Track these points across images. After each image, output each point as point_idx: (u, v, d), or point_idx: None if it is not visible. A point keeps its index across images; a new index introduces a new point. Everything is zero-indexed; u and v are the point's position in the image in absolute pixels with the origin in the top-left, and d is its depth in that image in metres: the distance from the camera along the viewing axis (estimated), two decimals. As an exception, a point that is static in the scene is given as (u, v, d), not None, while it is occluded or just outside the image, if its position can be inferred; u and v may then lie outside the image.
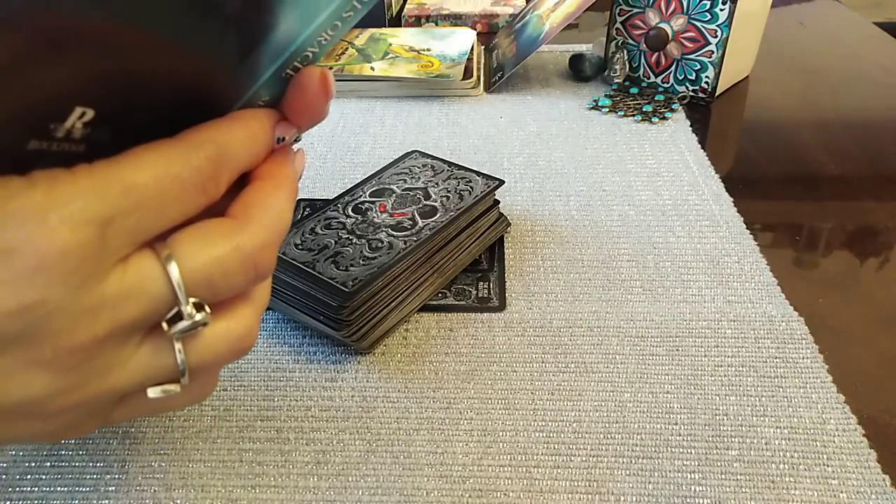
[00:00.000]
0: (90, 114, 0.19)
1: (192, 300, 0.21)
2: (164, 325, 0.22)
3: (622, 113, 0.67)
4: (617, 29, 0.71)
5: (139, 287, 0.20)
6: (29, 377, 0.20)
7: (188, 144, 0.21)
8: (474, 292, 0.45)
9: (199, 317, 0.21)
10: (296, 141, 0.26)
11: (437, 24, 0.88)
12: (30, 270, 0.18)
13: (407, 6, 0.91)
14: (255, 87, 0.23)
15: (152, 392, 0.23)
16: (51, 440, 0.24)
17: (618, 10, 0.70)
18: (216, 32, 0.20)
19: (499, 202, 0.48)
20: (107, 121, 0.20)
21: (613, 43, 0.72)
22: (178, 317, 0.21)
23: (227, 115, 0.23)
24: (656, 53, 0.69)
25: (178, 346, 0.22)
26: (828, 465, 0.34)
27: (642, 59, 0.71)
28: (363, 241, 0.42)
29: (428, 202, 0.45)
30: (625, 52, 0.71)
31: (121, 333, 0.21)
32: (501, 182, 0.47)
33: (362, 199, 0.46)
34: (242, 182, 0.24)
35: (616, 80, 0.72)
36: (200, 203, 0.22)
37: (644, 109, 0.67)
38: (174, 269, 0.21)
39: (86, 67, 0.18)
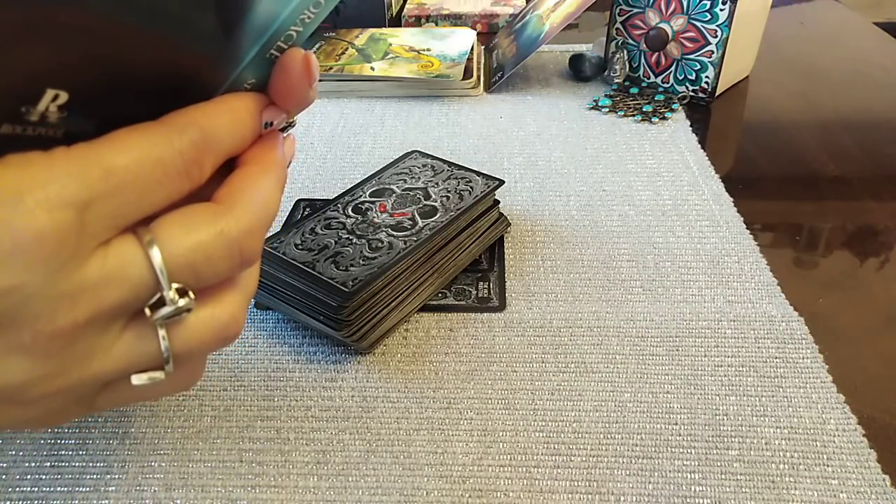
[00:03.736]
0: (64, 96, 0.19)
1: (175, 286, 0.21)
2: (147, 311, 0.21)
3: (622, 113, 0.67)
4: (617, 29, 0.71)
5: (120, 272, 0.20)
6: (8, 363, 0.20)
7: (171, 127, 0.21)
8: (474, 292, 0.45)
9: (182, 303, 0.21)
10: (290, 127, 0.26)
11: (437, 24, 0.88)
12: (6, 254, 0.18)
13: (407, 6, 0.91)
14: (239, 70, 0.23)
15: (137, 379, 0.23)
16: (34, 427, 0.24)
17: (618, 10, 0.70)
18: (193, 12, 0.20)
19: (499, 202, 0.48)
20: (84, 105, 0.20)
21: (613, 43, 0.72)
22: (161, 302, 0.21)
23: (211, 100, 0.22)
24: (656, 53, 0.69)
25: (161, 332, 0.22)
26: (828, 465, 0.34)
27: (642, 59, 0.71)
28: (363, 241, 0.42)
29: (428, 202, 0.45)
30: (625, 52, 0.71)
31: (102, 319, 0.20)
32: (501, 182, 0.47)
33: (362, 199, 0.46)
34: (230, 167, 0.24)
35: (616, 80, 0.72)
36: (184, 188, 0.21)
37: (644, 109, 0.67)
38: (156, 254, 0.20)
39: (55, 49, 0.18)
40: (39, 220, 0.18)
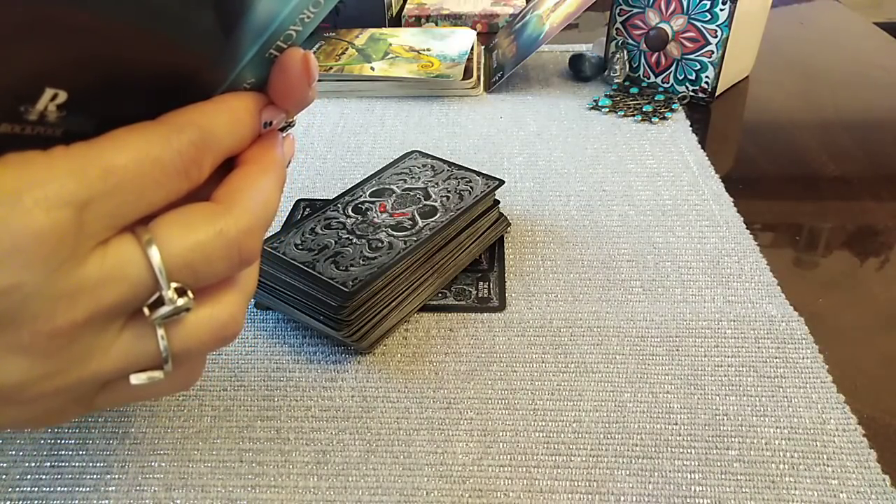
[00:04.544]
0: (63, 96, 0.19)
1: (173, 285, 0.21)
2: (146, 311, 0.21)
3: (622, 113, 0.67)
4: (617, 29, 0.71)
5: (119, 271, 0.20)
6: (7, 362, 0.20)
7: (170, 127, 0.21)
8: (474, 292, 0.45)
9: (180, 302, 0.21)
10: (289, 126, 0.26)
11: (437, 24, 0.88)
12: (4, 254, 0.18)
13: (407, 6, 0.91)
14: (238, 69, 0.23)
15: (135, 379, 0.23)
16: (33, 426, 0.24)
17: (618, 10, 0.70)
18: (192, 11, 0.20)
19: (499, 202, 0.48)
20: (83, 104, 0.20)
21: (613, 43, 0.72)
22: (160, 302, 0.21)
23: (211, 99, 0.22)
24: (656, 53, 0.69)
25: (160, 332, 0.22)
26: (828, 465, 0.34)
27: (642, 59, 0.71)
28: (363, 241, 0.42)
29: (428, 202, 0.45)
30: (625, 52, 0.71)
31: (101, 319, 0.20)
32: (501, 182, 0.47)
33: (362, 199, 0.46)
34: (229, 167, 0.24)
35: (616, 80, 0.72)
36: (182, 187, 0.21)
37: (644, 109, 0.67)
38: (155, 254, 0.20)
39: (54, 48, 0.18)
40: (38, 219, 0.18)
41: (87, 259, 0.19)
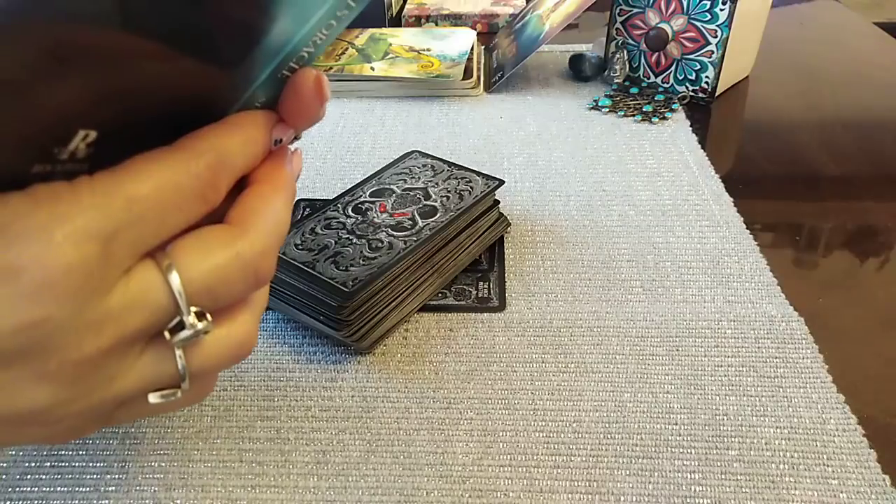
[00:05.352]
0: (93, 135, 0.19)
1: (193, 309, 0.21)
2: (167, 335, 0.22)
3: (622, 113, 0.67)
4: (617, 29, 0.71)
5: (142, 299, 0.20)
6: (34, 390, 0.20)
7: (187, 153, 0.21)
8: (474, 292, 0.45)
9: (200, 326, 0.22)
10: (295, 139, 0.26)
11: (437, 24, 0.88)
12: (36, 288, 0.18)
13: (407, 6, 0.91)
14: (252, 90, 0.23)
15: (154, 397, 0.23)
16: (53, 442, 0.24)
17: (618, 10, 0.70)
18: (213, 39, 0.20)
19: (499, 202, 0.48)
20: (110, 138, 0.20)
21: (613, 43, 0.72)
22: (181, 326, 0.22)
23: (224, 120, 0.23)
24: (656, 53, 0.69)
25: (179, 353, 0.22)
26: (828, 465, 0.34)
27: (642, 59, 0.71)
28: (363, 241, 0.42)
29: (428, 202, 0.45)
30: (625, 52, 0.71)
31: (124, 344, 0.21)
32: (501, 182, 0.47)
33: (362, 199, 0.46)
34: (240, 183, 0.24)
35: (616, 80, 0.72)
36: (201, 211, 0.22)
37: (644, 109, 0.67)
38: (175, 279, 0.21)
39: (87, 88, 0.18)
40: (68, 254, 0.18)
41: (112, 289, 0.20)
